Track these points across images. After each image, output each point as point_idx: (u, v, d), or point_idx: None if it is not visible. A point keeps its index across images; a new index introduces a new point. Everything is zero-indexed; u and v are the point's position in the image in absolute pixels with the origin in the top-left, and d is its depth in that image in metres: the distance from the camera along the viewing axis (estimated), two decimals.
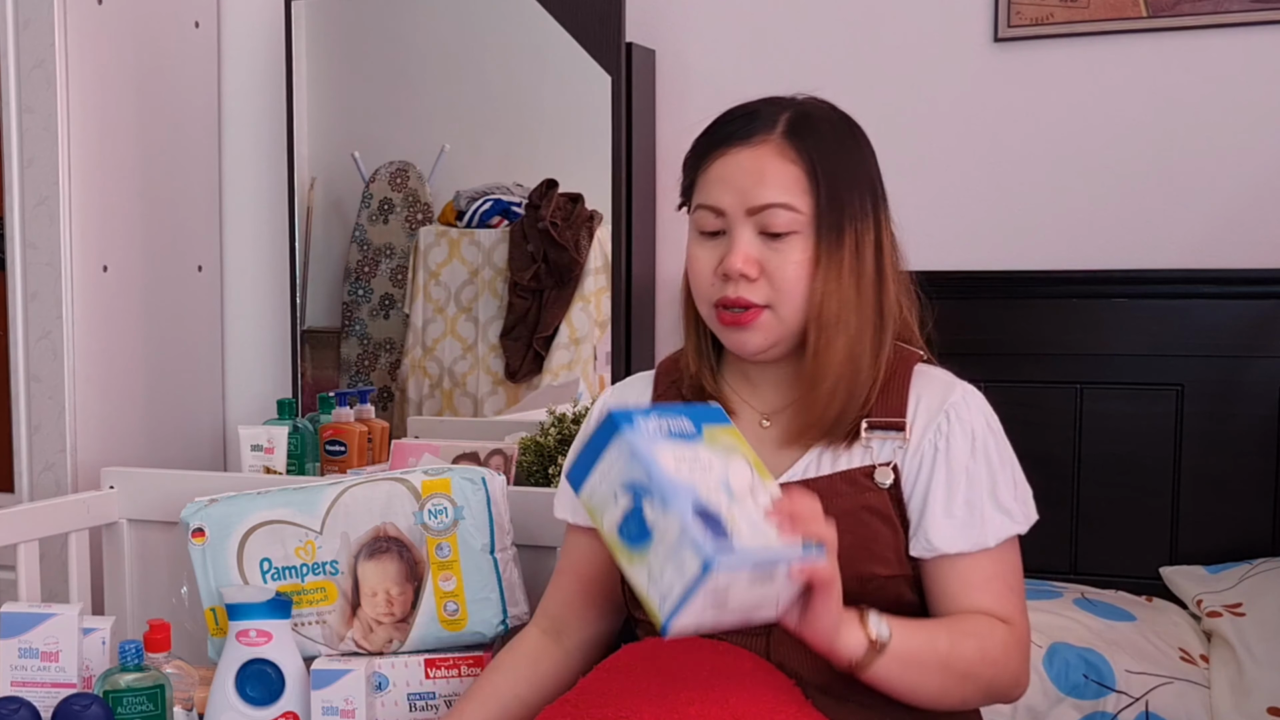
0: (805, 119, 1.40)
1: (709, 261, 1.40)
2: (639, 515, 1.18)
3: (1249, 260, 2.36)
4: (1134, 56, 2.45)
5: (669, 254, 2.74)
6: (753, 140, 1.38)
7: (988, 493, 1.39)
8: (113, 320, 2.74)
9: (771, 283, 1.37)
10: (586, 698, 1.28)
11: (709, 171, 1.41)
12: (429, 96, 2.92)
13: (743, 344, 1.41)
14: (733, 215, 1.38)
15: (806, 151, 1.37)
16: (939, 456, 1.39)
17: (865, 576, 1.36)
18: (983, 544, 1.37)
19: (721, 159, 1.40)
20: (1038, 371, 2.40)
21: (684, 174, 1.47)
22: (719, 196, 1.39)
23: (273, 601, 1.69)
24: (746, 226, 1.37)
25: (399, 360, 2.91)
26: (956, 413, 1.40)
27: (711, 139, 1.42)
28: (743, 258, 1.37)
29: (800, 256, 1.37)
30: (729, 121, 1.43)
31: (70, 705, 1.54)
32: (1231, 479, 2.30)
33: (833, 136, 1.40)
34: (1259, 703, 1.89)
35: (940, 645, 1.31)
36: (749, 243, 1.37)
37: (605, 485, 1.21)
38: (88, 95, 2.64)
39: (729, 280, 1.38)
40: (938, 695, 1.33)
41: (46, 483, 2.62)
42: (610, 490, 1.21)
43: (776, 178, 1.37)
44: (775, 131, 1.39)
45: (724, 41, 2.70)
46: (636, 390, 1.56)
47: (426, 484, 1.76)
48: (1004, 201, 2.53)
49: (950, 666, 1.32)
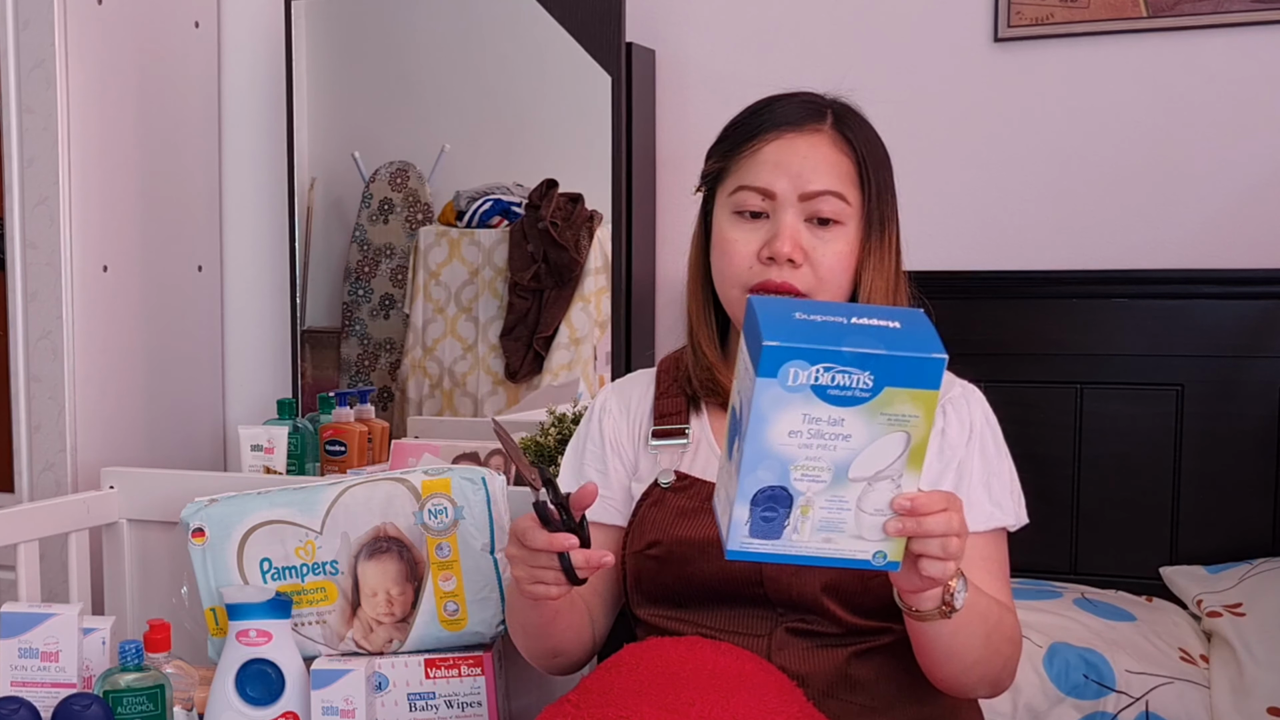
0: (850, 113, 1.43)
1: (750, 244, 1.38)
2: (734, 428, 1.12)
3: (1249, 260, 2.36)
4: (1134, 56, 2.45)
5: (669, 254, 2.75)
6: (806, 127, 1.39)
7: (980, 483, 1.39)
8: (113, 320, 2.74)
9: (815, 270, 1.37)
10: (588, 697, 1.28)
11: (759, 153, 1.39)
12: (429, 96, 2.92)
13: None
14: (783, 199, 1.37)
15: (857, 146, 1.39)
16: (933, 446, 1.38)
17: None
18: (971, 525, 1.36)
19: (776, 143, 1.39)
20: (1038, 371, 2.40)
21: (714, 159, 1.45)
22: (771, 179, 1.38)
23: (273, 601, 1.69)
24: (795, 211, 1.37)
25: (399, 360, 2.91)
26: (954, 406, 1.41)
27: (758, 123, 1.42)
28: (790, 242, 1.36)
29: (843, 247, 1.37)
30: (774, 108, 1.42)
31: (70, 705, 1.54)
32: (1231, 479, 2.30)
33: (874, 135, 1.43)
34: (1259, 703, 1.89)
35: (992, 615, 1.30)
36: (797, 228, 1.37)
37: (743, 370, 1.11)
38: (88, 95, 2.64)
39: (772, 264, 1.37)
40: (969, 665, 1.30)
41: (46, 483, 2.62)
42: (740, 379, 1.11)
43: (833, 167, 1.38)
44: (826, 122, 1.40)
45: (724, 41, 2.70)
46: (639, 387, 1.55)
47: (426, 484, 1.76)
48: (1004, 201, 2.53)
49: (991, 638, 1.30)
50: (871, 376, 1.07)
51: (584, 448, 1.54)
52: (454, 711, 1.72)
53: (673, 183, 2.74)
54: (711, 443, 1.46)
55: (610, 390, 1.58)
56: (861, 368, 1.06)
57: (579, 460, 1.54)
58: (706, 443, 1.46)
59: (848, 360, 1.06)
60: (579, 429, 1.58)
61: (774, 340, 1.06)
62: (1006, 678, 1.37)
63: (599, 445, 1.53)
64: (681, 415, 1.48)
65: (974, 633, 1.27)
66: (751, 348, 1.09)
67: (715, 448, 1.45)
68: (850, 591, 1.33)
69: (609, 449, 1.52)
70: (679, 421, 1.48)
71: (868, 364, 1.06)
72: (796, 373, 1.07)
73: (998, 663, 1.34)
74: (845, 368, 1.07)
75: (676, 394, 1.50)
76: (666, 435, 1.48)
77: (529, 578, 1.28)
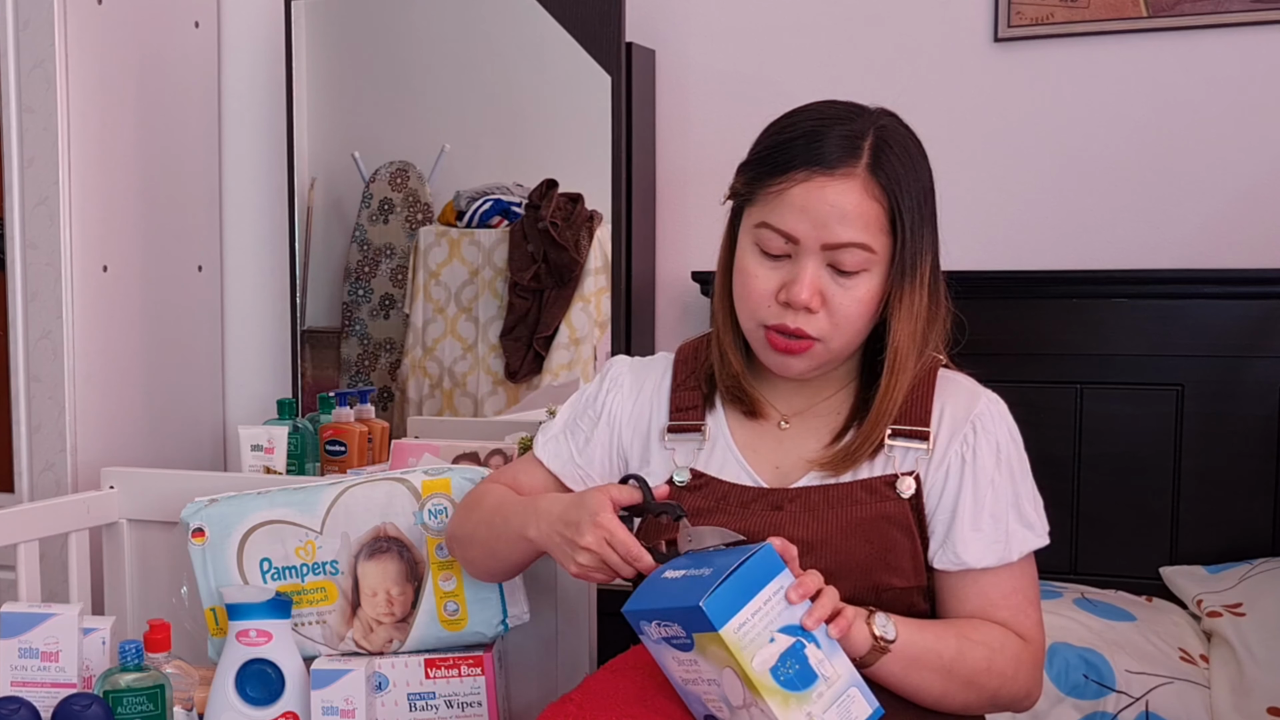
0: (887, 148, 1.33)
1: (769, 283, 1.35)
2: (800, 658, 1.19)
3: (1249, 260, 2.36)
4: (1134, 56, 2.45)
5: (669, 254, 2.75)
6: (838, 172, 1.31)
7: (1011, 505, 1.38)
8: (113, 320, 2.74)
9: (832, 316, 1.34)
10: (591, 699, 1.28)
11: (786, 194, 1.32)
12: (429, 96, 2.92)
13: (787, 368, 1.38)
14: (806, 245, 1.33)
15: (891, 190, 1.32)
16: (966, 469, 1.37)
17: (881, 587, 1.35)
18: (1007, 559, 1.37)
19: (804, 186, 1.32)
20: (1038, 371, 2.40)
21: (743, 178, 1.39)
22: (795, 224, 1.32)
23: (273, 601, 1.69)
24: (817, 258, 1.33)
25: (399, 360, 2.91)
26: (982, 424, 1.39)
27: (788, 157, 1.34)
28: (809, 290, 1.32)
29: (865, 294, 1.34)
30: (809, 138, 1.34)
31: (70, 705, 1.54)
32: (1231, 479, 2.30)
33: (911, 171, 1.35)
34: (1259, 703, 1.89)
35: (947, 651, 1.31)
36: (818, 275, 1.33)
37: (760, 623, 1.19)
38: (88, 95, 2.64)
39: (789, 309, 1.34)
40: (938, 698, 1.33)
41: (46, 483, 2.62)
42: (765, 630, 1.19)
43: (859, 218, 1.31)
44: (860, 163, 1.32)
45: (724, 41, 2.70)
46: (656, 372, 1.53)
47: (426, 484, 1.75)
48: (1004, 201, 2.54)
49: (954, 672, 1.31)
50: (680, 627, 1.20)
51: (583, 408, 1.54)
52: (454, 711, 1.72)
53: (673, 182, 2.75)
54: (728, 440, 1.45)
55: (626, 366, 1.55)
56: (670, 620, 1.21)
57: (574, 416, 1.55)
58: (723, 440, 1.45)
59: (662, 615, 1.21)
60: (588, 387, 1.56)
61: (630, 605, 1.24)
62: (1008, 703, 1.38)
63: (597, 414, 1.52)
64: (698, 411, 1.47)
65: (928, 668, 1.30)
66: (764, 576, 1.22)
67: (732, 445, 1.44)
68: (856, 601, 1.33)
69: (604, 422, 1.51)
70: (695, 417, 1.46)
71: (671, 617, 1.21)
72: (649, 629, 1.24)
73: (979, 694, 1.34)
74: (665, 622, 1.21)
75: (694, 387, 1.48)
76: (683, 430, 1.47)
77: (593, 566, 1.33)
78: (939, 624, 1.35)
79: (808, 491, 1.38)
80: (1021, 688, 1.37)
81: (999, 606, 1.37)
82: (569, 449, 1.53)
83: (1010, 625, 1.37)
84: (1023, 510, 1.39)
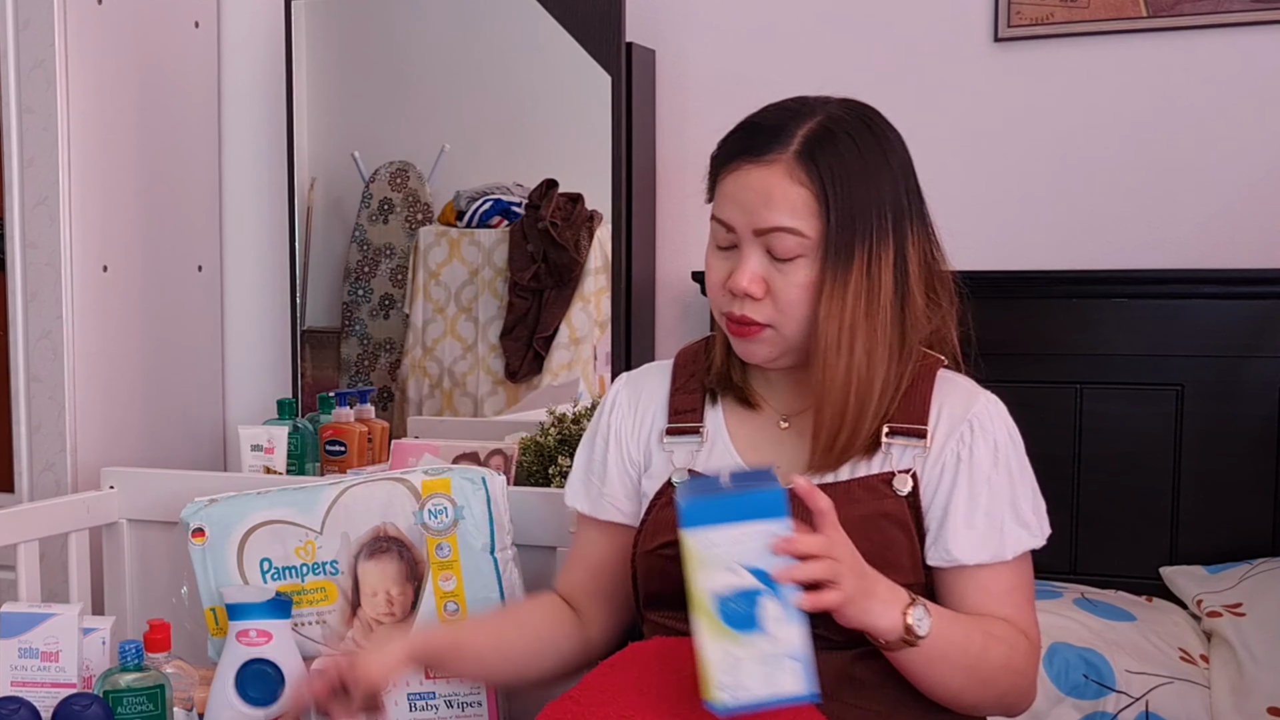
0: (825, 135, 1.33)
1: (720, 273, 1.39)
2: (752, 602, 1.15)
3: (1249, 260, 2.36)
4: (1134, 56, 2.45)
5: (669, 254, 2.75)
6: (764, 158, 1.34)
7: (1008, 504, 1.38)
8: (113, 320, 2.74)
9: (776, 303, 1.35)
10: (590, 694, 1.28)
11: (722, 186, 1.38)
12: (429, 96, 2.92)
13: (749, 353, 1.40)
14: (742, 234, 1.36)
15: (819, 173, 1.32)
16: (961, 466, 1.37)
17: None
18: (1000, 557, 1.37)
19: (733, 175, 1.36)
20: (1038, 371, 2.40)
21: (708, 174, 1.44)
22: (730, 213, 1.36)
23: (273, 601, 1.69)
24: (755, 245, 1.35)
25: (399, 360, 2.91)
26: (980, 422, 1.39)
27: (727, 149, 1.39)
28: (748, 277, 1.35)
29: (804, 279, 1.34)
30: (746, 132, 1.39)
31: (70, 705, 1.54)
32: (1231, 479, 2.30)
33: (853, 154, 1.34)
34: (1259, 703, 1.89)
35: (973, 647, 1.31)
36: (756, 262, 1.35)
37: (730, 550, 1.16)
38: (88, 95, 2.64)
39: (735, 297, 1.37)
40: (955, 694, 1.32)
41: (46, 483, 2.62)
42: (732, 559, 1.16)
43: (783, 201, 1.33)
44: (789, 150, 1.33)
45: (724, 41, 2.70)
46: (653, 380, 1.54)
47: (426, 484, 1.75)
48: (1003, 201, 2.54)
49: (975, 670, 1.31)
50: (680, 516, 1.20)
51: (593, 440, 1.56)
52: (454, 711, 1.72)
53: (673, 182, 2.74)
54: (726, 440, 1.45)
55: (623, 382, 1.57)
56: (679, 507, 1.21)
57: (589, 451, 1.56)
58: (722, 440, 1.45)
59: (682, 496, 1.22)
60: (594, 418, 1.58)
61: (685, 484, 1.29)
62: (1012, 703, 1.38)
63: (605, 440, 1.54)
64: (697, 412, 1.47)
65: (953, 664, 1.29)
66: (758, 510, 1.19)
67: (730, 446, 1.45)
68: None
69: (613, 444, 1.53)
70: (693, 419, 1.47)
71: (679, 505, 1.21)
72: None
73: (992, 692, 1.34)
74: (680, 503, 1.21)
75: (694, 389, 1.49)
76: (681, 433, 1.47)
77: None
78: (967, 619, 1.34)
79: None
80: (1029, 686, 1.38)
81: (1002, 604, 1.37)
82: (593, 487, 1.55)
83: (1013, 622, 1.37)
84: (1019, 510, 1.39)
